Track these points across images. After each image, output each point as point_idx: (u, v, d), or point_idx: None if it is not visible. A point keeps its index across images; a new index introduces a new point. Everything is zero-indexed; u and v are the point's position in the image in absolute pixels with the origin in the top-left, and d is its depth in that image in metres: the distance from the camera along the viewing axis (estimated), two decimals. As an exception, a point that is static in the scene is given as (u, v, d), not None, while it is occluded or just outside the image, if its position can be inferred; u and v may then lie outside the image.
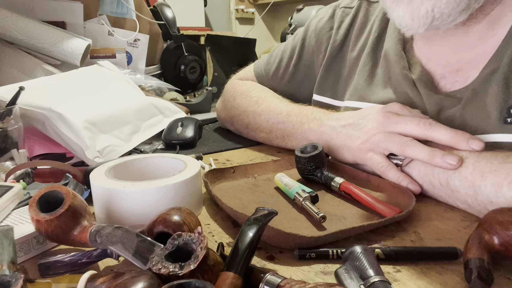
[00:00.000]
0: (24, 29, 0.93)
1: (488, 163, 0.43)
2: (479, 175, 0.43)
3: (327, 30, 0.73)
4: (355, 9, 0.70)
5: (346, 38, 0.71)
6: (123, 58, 1.15)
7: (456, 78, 0.55)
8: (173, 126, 0.78)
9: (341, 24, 0.71)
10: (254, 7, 3.62)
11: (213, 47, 1.40)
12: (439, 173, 0.47)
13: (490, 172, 0.42)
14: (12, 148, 0.58)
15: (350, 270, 0.32)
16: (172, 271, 0.27)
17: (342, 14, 0.72)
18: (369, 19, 0.68)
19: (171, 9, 1.31)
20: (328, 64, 0.72)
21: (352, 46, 0.69)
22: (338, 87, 0.71)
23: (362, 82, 0.66)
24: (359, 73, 0.67)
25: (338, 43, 0.71)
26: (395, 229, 0.42)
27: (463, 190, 0.45)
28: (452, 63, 0.56)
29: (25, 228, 0.37)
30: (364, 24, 0.69)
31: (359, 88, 0.66)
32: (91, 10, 1.13)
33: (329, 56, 0.72)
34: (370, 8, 0.69)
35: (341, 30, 0.71)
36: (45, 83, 0.74)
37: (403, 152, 0.49)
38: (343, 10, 0.72)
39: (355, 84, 0.67)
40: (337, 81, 0.71)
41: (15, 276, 0.28)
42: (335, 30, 0.72)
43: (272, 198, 0.50)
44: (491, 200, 0.42)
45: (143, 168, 0.51)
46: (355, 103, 0.66)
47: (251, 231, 0.31)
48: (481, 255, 0.32)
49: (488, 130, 0.50)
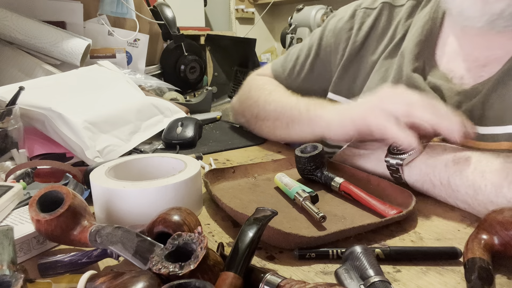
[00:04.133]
0: (24, 29, 0.92)
1: (489, 163, 0.43)
2: (480, 175, 0.43)
3: (347, 30, 0.72)
4: (378, 11, 0.69)
5: (366, 39, 0.70)
6: (123, 58, 1.15)
7: (481, 73, 0.55)
8: (173, 126, 0.78)
9: (361, 26, 0.70)
10: (254, 7, 3.62)
11: (213, 47, 1.40)
12: (440, 172, 0.47)
13: (491, 172, 0.42)
14: (12, 148, 0.58)
15: (350, 270, 0.32)
16: (172, 271, 0.27)
17: (363, 15, 0.71)
18: (392, 24, 0.68)
19: (171, 9, 1.31)
20: (346, 64, 0.71)
21: (373, 49, 0.69)
22: (354, 88, 0.71)
23: (376, 82, 0.66)
24: (374, 74, 0.67)
25: (358, 44, 0.70)
26: (395, 229, 0.42)
27: (463, 190, 0.45)
28: (480, 59, 0.56)
29: (25, 228, 0.37)
30: (387, 28, 0.68)
31: (372, 87, 0.66)
32: (91, 10, 1.13)
33: (348, 57, 0.71)
34: (393, 12, 0.68)
35: (361, 31, 0.70)
36: (45, 83, 0.74)
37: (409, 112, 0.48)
38: (364, 11, 0.71)
39: (369, 84, 0.67)
40: (354, 82, 0.71)
41: (15, 276, 0.28)
42: (355, 31, 0.71)
43: (272, 198, 0.50)
44: (491, 200, 0.42)
45: (143, 168, 0.51)
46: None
47: (251, 231, 0.31)
48: (481, 255, 0.32)
49: (507, 122, 0.51)
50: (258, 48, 1.39)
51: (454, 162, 0.46)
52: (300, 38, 2.13)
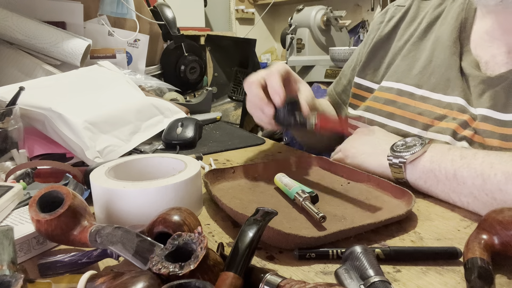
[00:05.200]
0: (24, 29, 0.93)
1: (498, 156, 0.45)
2: (489, 166, 0.44)
3: (378, 23, 0.79)
4: (407, 6, 0.75)
5: (394, 29, 0.75)
6: (123, 58, 1.15)
7: (507, 60, 0.56)
8: (173, 126, 0.78)
9: (391, 19, 0.76)
10: (254, 7, 3.62)
11: (213, 47, 1.40)
12: (446, 167, 0.48)
13: (500, 163, 0.43)
14: (12, 148, 0.58)
15: (350, 270, 0.32)
16: (172, 271, 0.27)
17: (394, 10, 0.77)
18: (419, 14, 0.73)
19: (171, 9, 1.31)
20: (372, 51, 0.76)
21: (400, 36, 0.74)
22: (378, 72, 0.75)
23: (403, 66, 0.69)
24: (402, 59, 0.70)
25: (384, 34, 0.75)
26: (395, 229, 0.42)
27: (470, 181, 0.45)
28: (509, 44, 0.57)
29: (25, 228, 0.37)
30: (414, 18, 0.73)
31: (399, 71, 0.69)
32: (91, 10, 1.13)
33: (374, 44, 0.76)
34: (422, 5, 0.74)
35: (390, 23, 0.76)
36: (45, 83, 0.74)
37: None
38: (396, 7, 0.78)
39: (395, 68, 0.71)
40: (379, 66, 0.75)
41: (15, 276, 0.28)
42: (384, 23, 0.77)
43: (272, 198, 0.50)
44: (500, 188, 0.42)
45: (143, 168, 0.51)
46: (391, 83, 0.69)
47: (251, 231, 0.31)
48: (481, 255, 0.32)
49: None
50: (258, 49, 1.39)
51: (461, 157, 0.47)
52: (300, 39, 2.13)
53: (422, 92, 0.64)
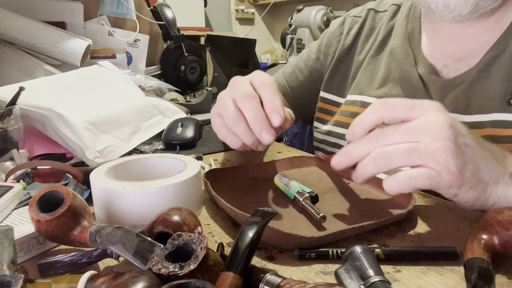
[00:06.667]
0: (24, 29, 0.93)
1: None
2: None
3: (337, 35, 0.79)
4: (363, 17, 0.76)
5: (354, 42, 0.76)
6: (123, 59, 1.15)
7: (458, 67, 0.59)
8: (173, 127, 0.78)
9: (350, 31, 0.77)
10: (254, 8, 3.62)
11: (213, 47, 1.40)
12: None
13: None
14: (12, 148, 0.58)
15: (350, 270, 0.32)
16: (172, 271, 0.27)
17: (351, 22, 0.78)
18: (376, 26, 0.74)
19: (171, 9, 1.31)
20: (336, 65, 0.77)
21: (360, 50, 0.75)
22: (343, 86, 0.76)
23: (364, 79, 0.71)
24: (362, 72, 0.72)
25: (346, 47, 0.76)
26: (395, 229, 0.42)
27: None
28: (455, 54, 0.59)
29: (25, 228, 0.37)
30: (371, 30, 0.74)
31: (361, 84, 0.71)
32: (91, 11, 1.13)
33: (337, 58, 0.77)
34: (377, 17, 0.75)
35: (349, 35, 0.77)
36: (45, 83, 0.74)
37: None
38: (352, 18, 0.78)
39: (357, 81, 0.72)
40: (343, 81, 0.76)
41: (15, 276, 0.28)
42: (344, 35, 0.78)
43: (272, 198, 0.50)
44: None
45: (143, 168, 0.51)
46: (355, 97, 0.71)
47: (251, 231, 0.31)
48: (481, 255, 0.32)
49: (492, 110, 0.54)
50: (258, 49, 1.39)
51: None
52: (300, 39, 2.13)
53: None
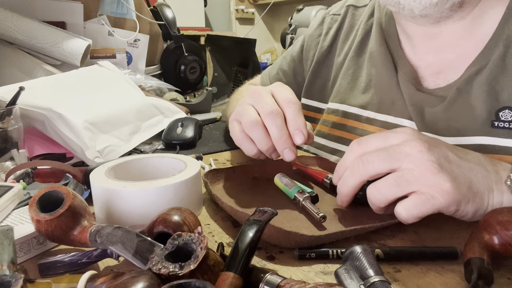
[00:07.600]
0: (24, 29, 0.92)
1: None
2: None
3: (316, 37, 0.75)
4: (342, 15, 0.71)
5: (333, 43, 0.72)
6: (123, 58, 1.15)
7: (437, 81, 0.55)
8: (173, 126, 0.78)
9: (328, 31, 0.73)
10: (254, 7, 3.62)
11: (213, 47, 1.40)
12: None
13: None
14: (12, 148, 0.58)
15: (350, 270, 0.32)
16: (172, 271, 0.27)
17: (330, 21, 0.73)
18: (355, 24, 0.69)
19: (171, 9, 1.31)
20: (316, 69, 0.73)
21: (339, 51, 0.70)
22: (325, 91, 0.72)
23: (344, 85, 0.67)
24: (342, 77, 0.68)
25: (325, 49, 0.72)
26: (395, 229, 0.42)
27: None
28: (433, 65, 0.55)
29: (25, 228, 0.37)
30: (351, 29, 0.70)
31: (341, 91, 0.67)
32: (91, 10, 1.13)
33: (316, 62, 0.73)
34: (357, 13, 0.70)
35: (328, 36, 0.72)
36: (45, 83, 0.74)
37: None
38: (331, 17, 0.73)
39: (338, 87, 0.68)
40: (325, 85, 0.72)
41: (15, 276, 0.28)
42: (322, 37, 0.73)
43: (272, 198, 0.50)
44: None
45: (143, 168, 0.51)
46: (336, 105, 0.67)
47: (251, 231, 0.31)
48: (481, 255, 0.32)
49: (474, 132, 0.50)
50: (258, 49, 1.39)
51: None
52: (300, 39, 2.13)
53: (367, 114, 0.62)
